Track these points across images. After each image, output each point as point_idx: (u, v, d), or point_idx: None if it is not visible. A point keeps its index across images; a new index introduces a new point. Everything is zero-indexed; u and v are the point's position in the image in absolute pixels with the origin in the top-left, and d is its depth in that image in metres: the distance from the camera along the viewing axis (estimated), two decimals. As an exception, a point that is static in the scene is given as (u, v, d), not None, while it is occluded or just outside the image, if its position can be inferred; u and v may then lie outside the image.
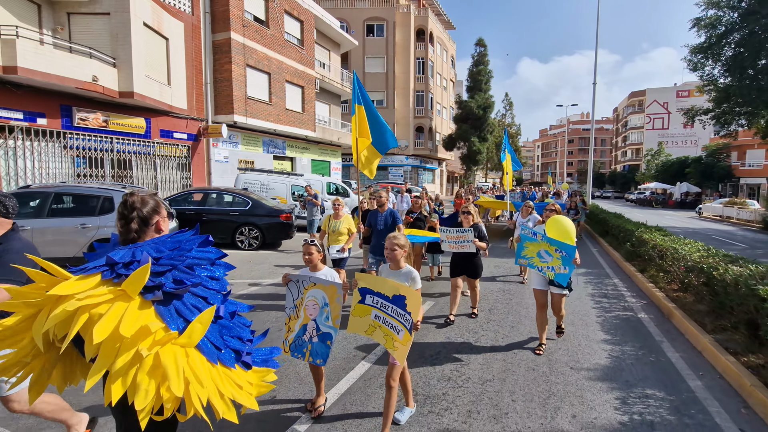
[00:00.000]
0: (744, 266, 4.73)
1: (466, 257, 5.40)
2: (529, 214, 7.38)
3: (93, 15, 11.65)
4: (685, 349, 4.79)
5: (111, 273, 1.48)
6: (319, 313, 3.04)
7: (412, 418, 3.25)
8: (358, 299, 2.99)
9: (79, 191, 7.20)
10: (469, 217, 5.49)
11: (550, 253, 4.36)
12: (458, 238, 5.34)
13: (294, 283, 3.16)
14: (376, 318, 2.90)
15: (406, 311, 2.75)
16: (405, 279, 3.03)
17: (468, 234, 5.26)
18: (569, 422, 3.28)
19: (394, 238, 3.06)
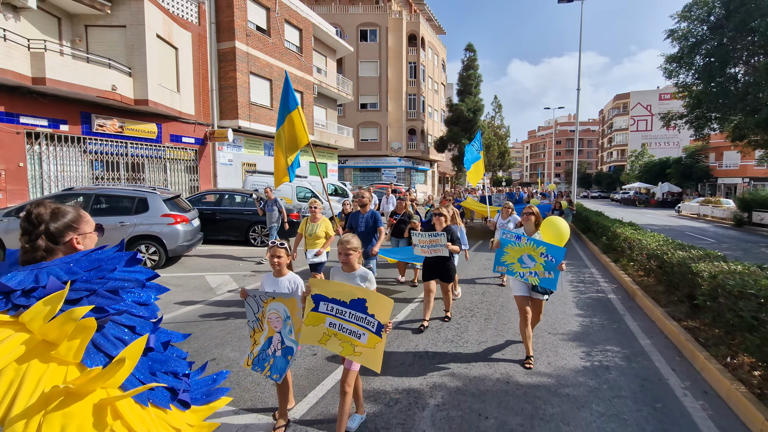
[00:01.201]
0: (687, 251, 5.80)
1: (438, 260, 5.22)
2: (509, 215, 7.46)
3: (110, 27, 12.41)
4: (642, 319, 5.85)
5: (5, 303, 1.22)
6: (283, 326, 2.94)
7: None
8: (311, 307, 2.82)
9: (117, 192, 8.03)
10: (441, 219, 5.27)
11: (533, 258, 4.09)
12: (431, 242, 5.13)
13: (252, 298, 3.02)
14: (330, 326, 2.77)
15: (368, 314, 2.65)
16: (359, 281, 2.94)
17: (440, 238, 5.06)
18: (545, 366, 4.29)
19: (347, 242, 2.92)
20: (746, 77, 18.01)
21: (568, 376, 4.06)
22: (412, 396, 3.63)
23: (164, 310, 5.84)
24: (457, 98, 41.31)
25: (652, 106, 65.81)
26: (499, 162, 64.24)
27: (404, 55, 37.76)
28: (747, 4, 15.36)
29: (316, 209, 5.73)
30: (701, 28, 17.68)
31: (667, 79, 20.37)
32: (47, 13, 11.50)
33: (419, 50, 38.74)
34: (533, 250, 4.10)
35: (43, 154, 11.11)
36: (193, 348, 4.54)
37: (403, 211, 7.83)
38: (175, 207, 8.32)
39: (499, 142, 62.06)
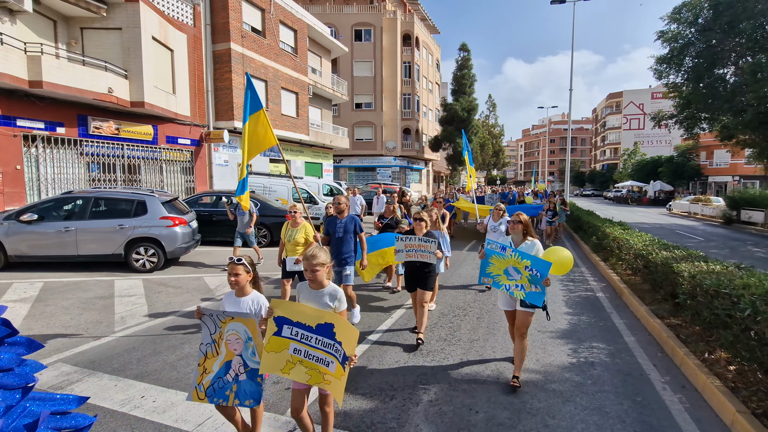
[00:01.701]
0: (671, 251, 6.03)
1: (422, 268, 4.87)
2: (500, 217, 7.22)
3: (105, 30, 12.46)
4: (628, 317, 6.08)
5: None
6: (245, 348, 2.61)
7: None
8: (273, 330, 2.54)
9: (116, 195, 8.14)
10: (422, 225, 4.95)
11: (518, 270, 3.81)
12: (420, 247, 4.80)
13: (209, 317, 2.68)
14: (295, 352, 2.50)
15: (335, 341, 2.42)
16: (328, 300, 2.68)
17: (431, 244, 4.74)
18: (534, 363, 4.49)
19: (312, 257, 2.62)
20: (734, 78, 18.38)
21: (555, 373, 4.27)
22: (407, 392, 3.82)
23: (165, 311, 5.99)
24: (451, 98, 41.55)
25: (644, 105, 66.56)
26: (493, 161, 64.65)
27: (399, 54, 37.90)
28: (734, 6, 15.68)
29: (296, 213, 5.52)
30: (690, 30, 18.00)
31: (658, 79, 20.73)
32: (43, 16, 11.54)
33: (413, 50, 38.89)
34: (518, 263, 3.81)
35: (40, 157, 11.17)
36: (195, 350, 4.69)
37: (391, 215, 7.32)
38: (173, 209, 8.45)
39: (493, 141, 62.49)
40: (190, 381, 3.91)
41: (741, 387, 3.63)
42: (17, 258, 7.73)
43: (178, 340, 4.94)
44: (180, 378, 3.99)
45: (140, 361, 4.37)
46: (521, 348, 3.98)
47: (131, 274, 7.93)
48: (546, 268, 3.72)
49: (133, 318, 5.71)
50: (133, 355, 4.51)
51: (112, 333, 5.16)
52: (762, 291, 3.32)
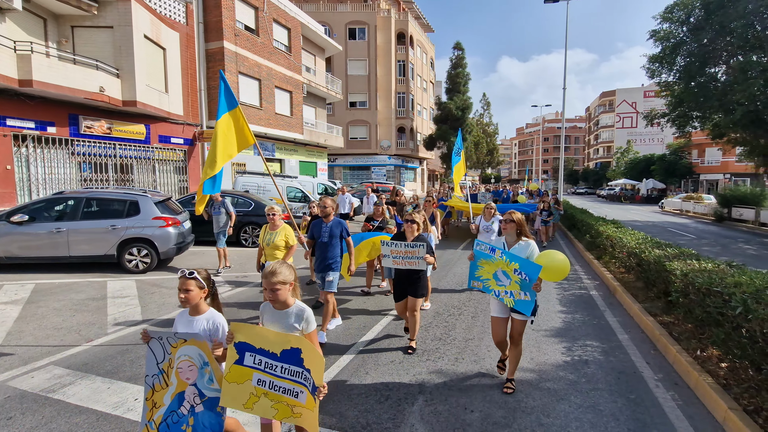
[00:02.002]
0: (663, 249, 6.09)
1: (411, 274, 4.56)
2: (491, 216, 7.04)
3: (96, 28, 12.32)
4: (621, 315, 6.13)
5: None
6: (200, 375, 2.25)
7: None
8: (234, 359, 2.21)
9: (108, 196, 8.06)
10: (413, 228, 4.67)
11: (507, 275, 3.55)
12: (407, 254, 4.48)
13: (157, 341, 2.30)
14: (259, 384, 2.18)
15: (304, 368, 2.13)
16: (295, 321, 2.34)
17: (419, 249, 4.41)
18: (528, 362, 4.51)
19: (272, 273, 2.27)
20: (725, 77, 18.56)
21: (549, 371, 4.29)
22: (402, 392, 3.82)
23: (159, 312, 5.95)
24: (445, 96, 41.61)
25: (637, 104, 67.05)
26: (487, 159, 64.91)
27: (393, 53, 37.87)
28: (725, 6, 15.82)
29: (274, 216, 5.22)
30: (682, 29, 18.14)
31: (650, 78, 20.88)
32: (33, 14, 11.38)
33: (408, 48, 38.87)
34: (507, 266, 3.55)
35: (30, 157, 11.03)
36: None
37: (381, 217, 6.90)
38: (166, 209, 8.38)
39: (487, 140, 62.72)
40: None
41: (733, 384, 3.68)
42: (8, 259, 7.64)
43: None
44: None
45: (133, 363, 4.33)
46: (516, 353, 3.83)
47: (124, 275, 7.86)
48: (535, 272, 3.43)
49: (126, 319, 5.66)
50: (126, 357, 4.47)
51: (104, 335, 5.12)
52: (753, 289, 3.36)
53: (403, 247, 4.49)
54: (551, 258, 3.54)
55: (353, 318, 5.86)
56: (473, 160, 60.81)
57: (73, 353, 4.56)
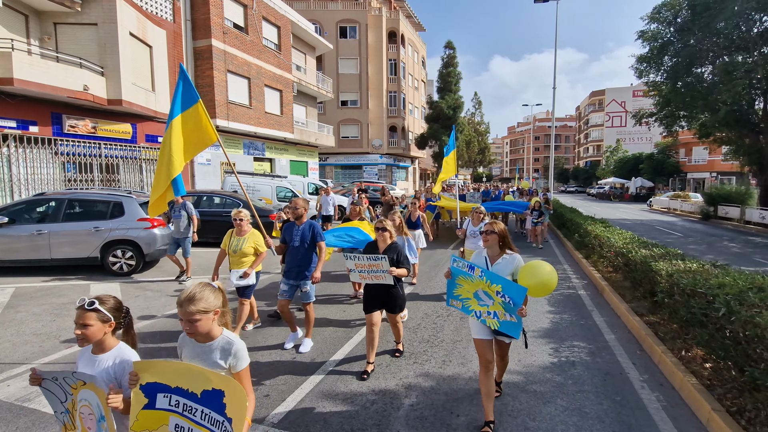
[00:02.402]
0: (650, 249, 6.13)
1: (383, 287, 4.20)
2: (480, 221, 6.45)
3: (80, 25, 12.07)
4: (609, 315, 6.16)
5: None
6: (97, 429, 1.83)
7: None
8: (142, 403, 1.80)
9: (91, 197, 7.89)
10: (386, 236, 4.31)
11: (489, 295, 3.13)
12: (370, 267, 4.10)
13: (52, 382, 1.88)
14: (177, 430, 1.78)
15: (224, 416, 1.69)
16: (220, 356, 1.91)
17: (382, 262, 4.02)
18: (515, 364, 4.50)
19: (190, 301, 1.84)
20: (712, 77, 18.80)
21: (536, 373, 4.29)
22: (388, 397, 3.78)
23: (141, 317, 5.83)
24: (437, 95, 41.65)
25: (626, 103, 67.73)
26: (479, 158, 65.17)
27: (384, 52, 37.78)
28: (712, 8, 16.01)
29: (242, 221, 4.86)
30: (669, 29, 18.33)
31: (638, 78, 21.07)
32: (14, 11, 11.11)
33: (399, 47, 38.81)
34: (488, 287, 3.10)
35: (12, 157, 10.78)
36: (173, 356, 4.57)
37: (358, 218, 6.53)
38: (151, 211, 8.23)
39: (479, 139, 62.95)
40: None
41: (716, 384, 3.70)
42: (-13, 263, 7.44)
43: (154, 347, 4.80)
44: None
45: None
46: (504, 363, 3.66)
47: (108, 278, 7.71)
48: (521, 296, 2.99)
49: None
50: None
51: (85, 340, 4.99)
52: (736, 291, 3.38)
53: (365, 260, 4.11)
54: (536, 274, 3.02)
55: (340, 321, 5.81)
56: (465, 159, 61.02)
57: (52, 359, 4.44)
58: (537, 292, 3.02)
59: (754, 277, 3.75)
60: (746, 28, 16.49)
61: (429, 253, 10.70)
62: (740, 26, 16.46)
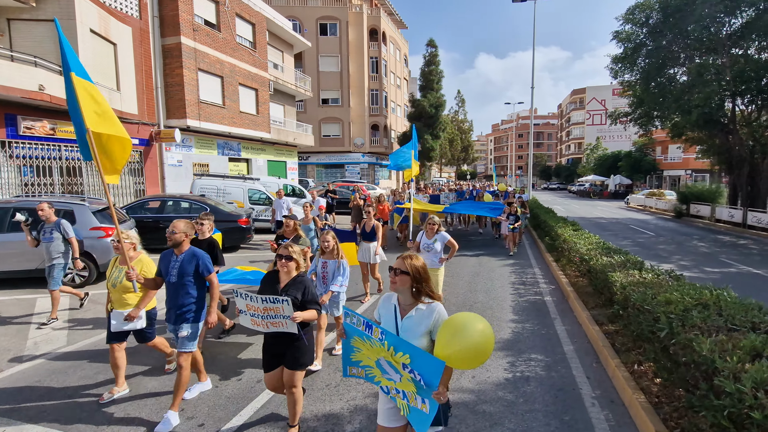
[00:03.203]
0: (611, 257, 6.10)
1: (283, 336, 3.13)
2: (435, 232, 5.81)
3: (35, 21, 11.51)
4: (570, 323, 6.11)
5: None
6: None
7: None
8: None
9: (39, 206, 7.47)
10: (290, 266, 3.16)
11: (396, 368, 2.16)
12: (266, 311, 3.01)
13: None
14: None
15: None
16: None
17: (282, 306, 2.97)
18: (469, 381, 4.38)
19: None
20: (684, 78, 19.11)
21: (488, 391, 4.17)
22: (331, 422, 3.61)
23: (86, 334, 5.52)
24: (419, 94, 41.55)
25: (606, 101, 68.79)
26: (462, 156, 65.44)
27: (365, 49, 37.44)
28: (683, 10, 16.22)
29: (120, 244, 3.74)
30: (642, 30, 18.54)
31: (613, 78, 21.30)
32: (-40, 6, 10.51)
33: (380, 45, 38.52)
34: (391, 356, 2.12)
35: (-40, 161, 10.21)
36: (110, 382, 4.31)
37: (294, 233, 5.31)
38: (106, 218, 7.88)
39: (462, 137, 63.18)
40: (97, 419, 3.57)
41: (664, 402, 3.64)
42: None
43: (93, 370, 4.53)
44: (84, 417, 3.62)
45: (42, 397, 3.96)
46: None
47: (59, 290, 7.34)
48: (436, 373, 1.97)
49: (49, 344, 5.23)
50: (35, 392, 4.07)
51: (19, 363, 4.70)
52: (681, 309, 3.30)
53: (260, 302, 2.97)
54: (460, 337, 1.96)
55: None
56: (448, 157, 61.19)
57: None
58: (462, 363, 1.99)
59: (702, 292, 3.70)
60: (715, 30, 16.77)
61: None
62: (709, 28, 16.74)
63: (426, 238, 5.90)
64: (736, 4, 15.45)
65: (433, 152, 41.42)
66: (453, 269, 9.43)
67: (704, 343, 2.59)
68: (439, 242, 5.81)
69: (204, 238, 4.88)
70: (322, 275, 4.69)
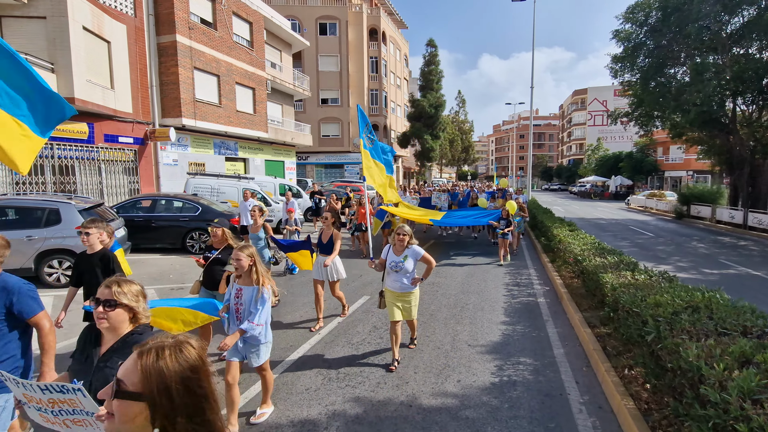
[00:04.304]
0: (604, 258, 5.95)
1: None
2: (404, 248, 4.56)
3: (28, 18, 11.41)
4: (562, 325, 5.96)
5: None
6: None
7: (330, 390, 3.91)
8: None
9: (24, 204, 7.37)
10: (114, 319, 1.85)
11: None
12: (54, 405, 1.66)
13: None
14: None
15: None
16: None
17: (77, 398, 1.59)
18: (454, 385, 4.24)
19: None
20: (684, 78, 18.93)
21: (473, 396, 4.03)
22: (307, 428, 3.48)
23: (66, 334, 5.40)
24: (419, 94, 41.41)
25: (607, 102, 68.51)
26: (463, 156, 65.21)
27: (365, 49, 37.32)
28: (681, 9, 16.05)
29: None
30: (642, 30, 18.36)
31: (614, 78, 21.11)
32: (-49, 2, 10.43)
33: (380, 45, 38.40)
34: None
35: (-50, 159, 10.11)
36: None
37: (224, 244, 4.60)
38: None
39: (462, 137, 62.97)
40: None
41: (654, 409, 3.49)
42: None
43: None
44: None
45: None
46: None
47: (43, 290, 7.22)
48: None
49: (26, 344, 5.08)
50: None
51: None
52: (669, 312, 3.16)
53: (39, 391, 1.65)
54: None
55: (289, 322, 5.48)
56: (448, 157, 61.02)
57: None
58: None
59: (693, 294, 3.55)
60: (716, 29, 16.59)
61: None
62: (709, 27, 16.55)
63: (393, 254, 4.58)
64: (737, 3, 15.27)
65: (433, 152, 41.29)
66: (446, 270, 9.29)
67: (691, 349, 2.45)
68: (411, 259, 4.54)
69: (94, 252, 3.64)
70: (235, 307, 3.47)
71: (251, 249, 3.51)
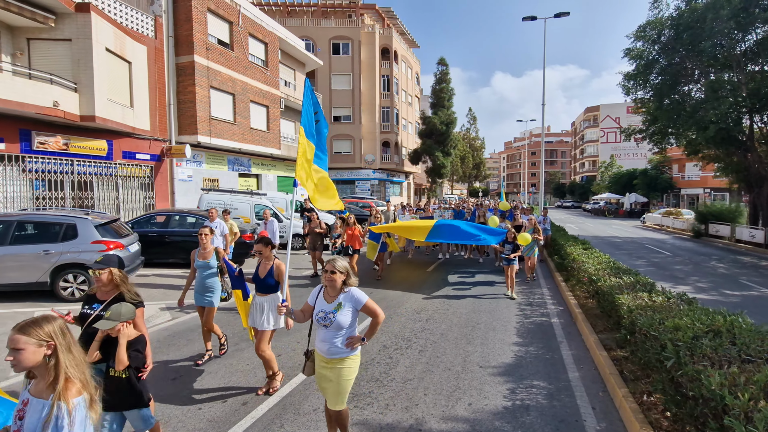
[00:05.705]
0: (620, 277, 5.80)
1: None
2: (339, 291, 3.03)
3: (54, 41, 11.91)
4: (577, 347, 5.78)
5: None
6: None
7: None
8: None
9: (42, 219, 7.55)
10: None
11: None
12: None
13: None
14: None
15: None
16: None
17: None
18: (465, 409, 4.12)
19: None
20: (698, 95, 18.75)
21: (484, 421, 3.90)
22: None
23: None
24: (430, 111, 41.77)
25: (620, 119, 68.14)
26: (474, 173, 65.16)
27: (377, 68, 37.97)
28: (694, 27, 16.01)
29: None
30: (654, 47, 18.34)
31: (626, 95, 21.03)
32: (-16, 26, 10.96)
33: (392, 63, 39.05)
34: None
35: (-25, 174, 10.47)
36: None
37: (115, 293, 3.21)
38: (109, 232, 7.90)
39: (474, 154, 63.05)
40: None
41: (675, 438, 3.33)
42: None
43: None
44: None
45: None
46: None
47: (58, 304, 7.32)
48: None
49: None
50: (13, 409, 3.96)
51: (5, 378, 4.61)
52: (689, 336, 3.04)
53: None
54: None
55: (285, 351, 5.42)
56: (459, 174, 61.04)
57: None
58: None
59: (714, 318, 3.41)
60: (729, 46, 16.47)
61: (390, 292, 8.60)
62: (723, 45, 16.45)
63: (324, 301, 3.05)
64: (749, 20, 15.19)
65: (444, 169, 41.35)
66: (456, 289, 9.16)
67: (713, 377, 2.34)
68: (348, 308, 3.00)
69: None
70: None
71: (59, 322, 1.83)
